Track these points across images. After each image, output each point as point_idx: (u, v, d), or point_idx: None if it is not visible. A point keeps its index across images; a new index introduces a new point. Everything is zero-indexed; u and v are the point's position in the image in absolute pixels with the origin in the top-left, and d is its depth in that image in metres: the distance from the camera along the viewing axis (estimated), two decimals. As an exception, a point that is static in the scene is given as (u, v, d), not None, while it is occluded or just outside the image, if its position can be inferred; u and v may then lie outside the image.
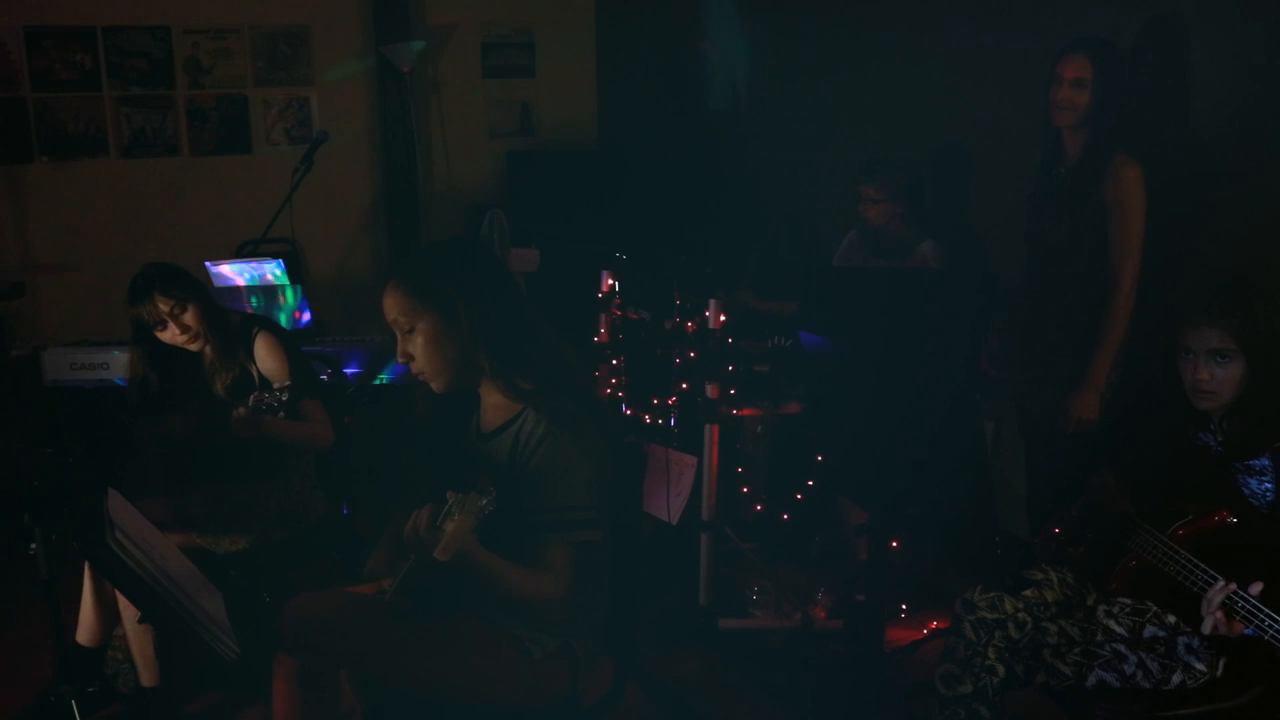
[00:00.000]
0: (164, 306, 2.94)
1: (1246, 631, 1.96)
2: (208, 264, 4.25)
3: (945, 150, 4.06)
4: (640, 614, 2.35)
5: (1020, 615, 2.33)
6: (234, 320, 3.11)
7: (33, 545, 2.39)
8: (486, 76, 6.49)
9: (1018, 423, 3.32)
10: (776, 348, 3.69)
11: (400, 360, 2.12)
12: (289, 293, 4.21)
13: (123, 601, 2.78)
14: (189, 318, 2.98)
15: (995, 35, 3.77)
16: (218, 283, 4.24)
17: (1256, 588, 1.96)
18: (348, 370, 4.11)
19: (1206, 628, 2.00)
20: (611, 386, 4.10)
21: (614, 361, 4.13)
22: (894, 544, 3.38)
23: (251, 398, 2.78)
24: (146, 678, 2.90)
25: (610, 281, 4.14)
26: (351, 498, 3.52)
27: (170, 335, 2.99)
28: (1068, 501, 2.53)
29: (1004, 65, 3.70)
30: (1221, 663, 2.19)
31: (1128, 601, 2.32)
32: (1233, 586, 1.98)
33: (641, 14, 6.27)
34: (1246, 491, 2.21)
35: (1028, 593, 2.38)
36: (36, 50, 5.74)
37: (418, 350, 2.09)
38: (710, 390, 3.47)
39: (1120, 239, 2.89)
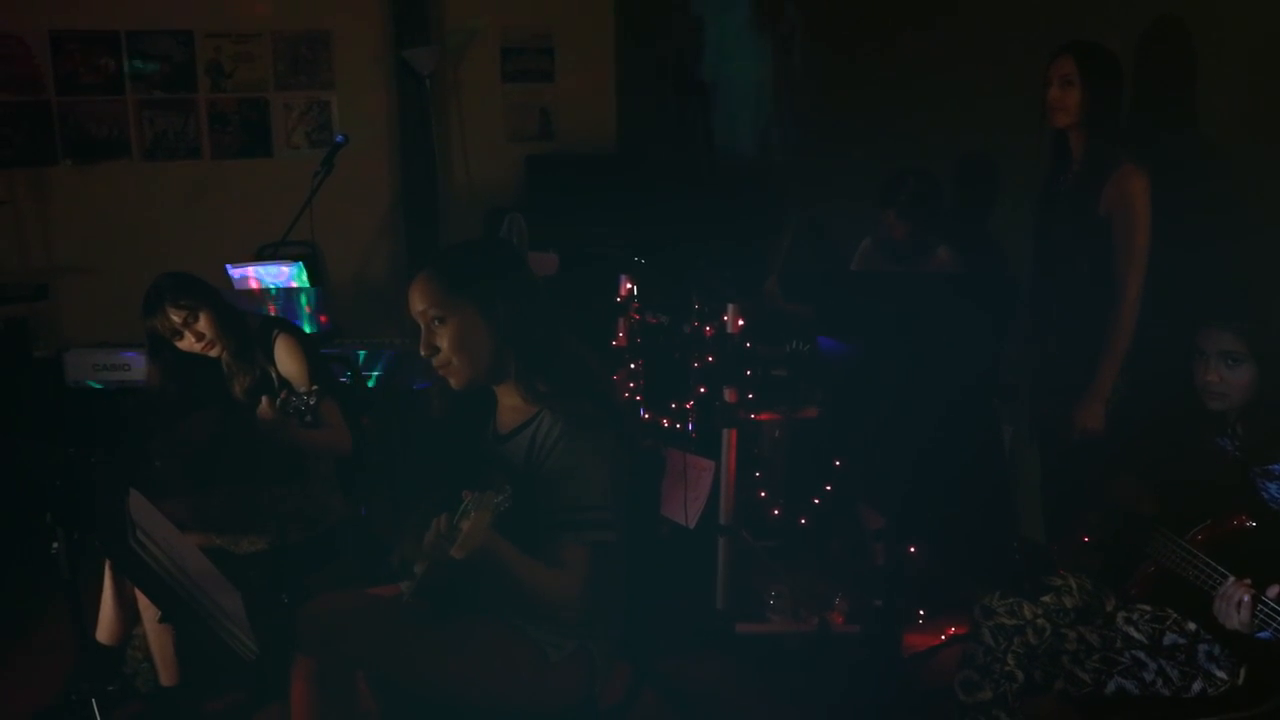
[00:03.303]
0: (176, 318, 2.96)
1: (1263, 635, 1.95)
2: (228, 266, 4.29)
3: (967, 161, 4.04)
4: (657, 617, 2.34)
5: (1039, 621, 2.32)
6: (253, 323, 3.13)
7: (55, 544, 2.40)
8: (506, 80, 6.51)
9: (1029, 428, 3.30)
10: (795, 352, 3.67)
11: (424, 352, 2.10)
12: (308, 295, 4.23)
13: (143, 601, 2.80)
14: (202, 325, 2.99)
15: (1013, 37, 3.75)
16: (238, 285, 4.26)
17: (1275, 590, 1.95)
18: (366, 373, 4.13)
19: (1231, 621, 1.98)
20: (629, 390, 4.10)
21: (632, 365, 4.13)
22: (911, 549, 3.37)
23: (279, 399, 2.80)
24: (165, 677, 2.92)
25: (629, 285, 4.15)
26: (369, 499, 3.53)
27: (188, 344, 3.01)
28: (1087, 507, 2.52)
29: (1024, 68, 3.68)
30: (1243, 671, 2.17)
31: (1147, 608, 2.30)
32: (1247, 582, 1.97)
33: (660, 17, 6.27)
34: (1266, 496, 2.20)
35: (1046, 598, 2.37)
36: (61, 54, 5.80)
37: (445, 343, 2.07)
38: (728, 394, 3.47)
39: (1126, 248, 2.85)
